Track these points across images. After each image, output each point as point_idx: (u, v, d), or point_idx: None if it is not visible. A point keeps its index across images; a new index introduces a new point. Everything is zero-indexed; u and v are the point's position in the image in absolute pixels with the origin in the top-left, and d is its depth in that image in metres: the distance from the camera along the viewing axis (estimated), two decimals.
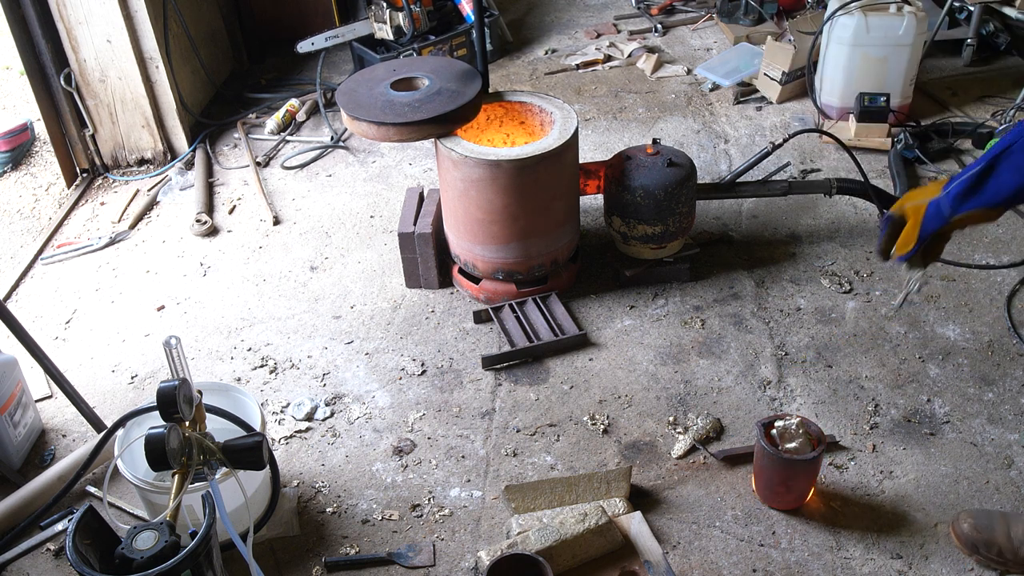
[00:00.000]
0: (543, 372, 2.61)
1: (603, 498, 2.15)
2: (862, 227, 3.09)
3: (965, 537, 2.00)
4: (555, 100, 2.80)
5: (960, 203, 1.54)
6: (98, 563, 1.52)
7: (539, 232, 2.71)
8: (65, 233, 3.40)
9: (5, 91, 4.67)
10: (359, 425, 2.47)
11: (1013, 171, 1.47)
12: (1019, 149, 1.46)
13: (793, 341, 2.64)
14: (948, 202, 1.55)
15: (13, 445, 2.36)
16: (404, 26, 3.94)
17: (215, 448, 1.68)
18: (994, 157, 1.49)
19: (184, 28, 3.80)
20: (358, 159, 3.71)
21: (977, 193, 1.52)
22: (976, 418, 2.35)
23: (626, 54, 4.37)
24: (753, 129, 3.70)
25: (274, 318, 2.88)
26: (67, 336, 2.88)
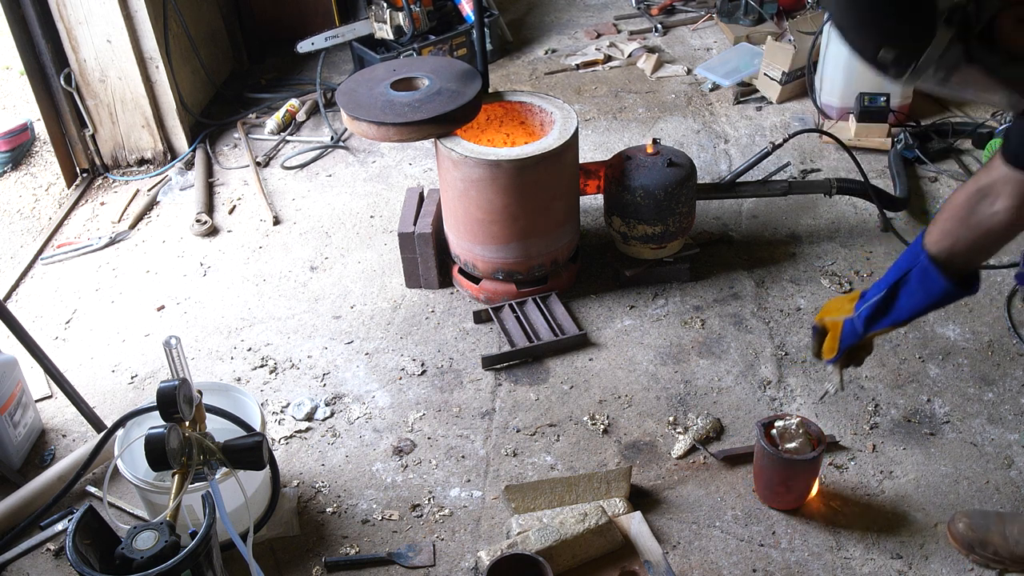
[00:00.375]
0: (543, 372, 2.61)
1: (603, 498, 2.15)
2: (862, 227, 3.09)
3: (961, 537, 2.00)
4: (555, 100, 2.80)
5: (870, 324, 1.72)
6: (98, 563, 1.52)
7: (539, 232, 2.71)
8: (65, 233, 3.40)
9: (5, 91, 4.67)
10: (359, 425, 2.47)
11: (909, 297, 1.64)
12: (913, 278, 1.62)
13: (793, 341, 2.64)
14: (860, 323, 1.73)
15: (13, 445, 2.36)
16: (404, 26, 3.94)
17: (215, 448, 1.68)
18: (892, 285, 1.65)
19: (184, 28, 3.80)
20: (358, 159, 3.71)
21: (883, 317, 1.69)
22: (976, 418, 2.35)
23: (626, 54, 4.37)
24: (753, 129, 3.70)
25: (274, 318, 2.88)
26: (67, 336, 2.88)
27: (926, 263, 1.59)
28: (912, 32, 1.18)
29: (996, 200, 1.51)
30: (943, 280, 1.58)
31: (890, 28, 1.21)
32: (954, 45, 1.17)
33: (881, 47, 1.23)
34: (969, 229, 1.55)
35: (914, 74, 1.23)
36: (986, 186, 1.52)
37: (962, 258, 1.59)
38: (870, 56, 1.26)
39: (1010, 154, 1.47)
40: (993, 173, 1.51)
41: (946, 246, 1.58)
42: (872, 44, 1.24)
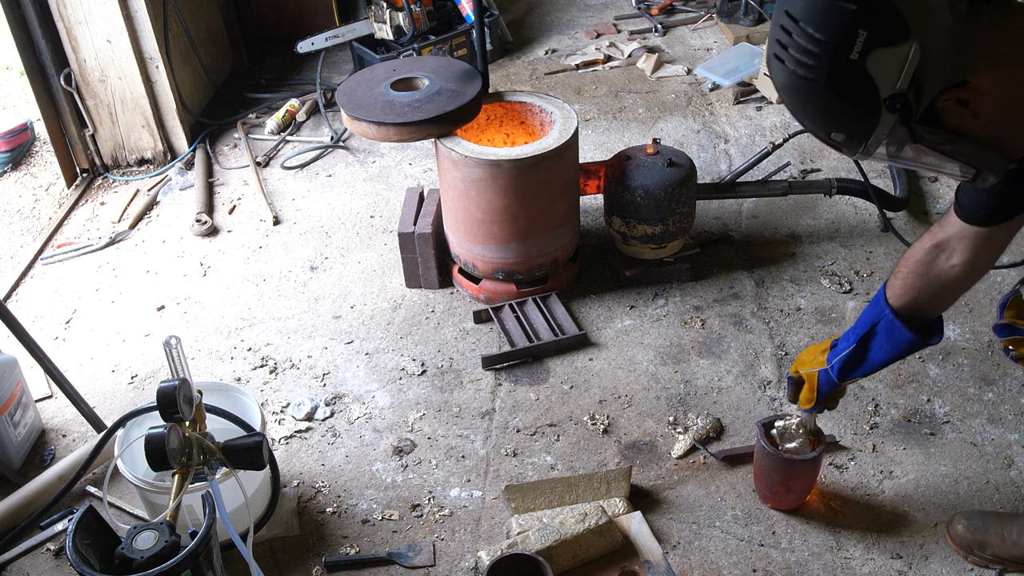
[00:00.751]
0: (543, 372, 2.61)
1: (603, 498, 2.15)
2: (862, 227, 3.09)
3: (959, 539, 2.01)
4: (555, 100, 2.80)
5: (844, 375, 1.85)
6: (98, 563, 1.52)
7: (539, 232, 2.71)
8: (65, 233, 3.40)
9: (5, 91, 4.67)
10: (359, 425, 2.47)
11: (878, 349, 1.76)
12: (880, 331, 1.74)
13: (793, 341, 2.64)
14: (834, 375, 1.85)
15: (13, 445, 2.36)
16: (404, 26, 3.94)
17: (215, 448, 1.68)
18: (862, 338, 1.77)
19: (184, 28, 3.80)
20: (358, 159, 3.71)
21: (855, 368, 1.82)
22: (976, 418, 2.35)
23: (626, 54, 4.37)
24: (753, 129, 3.70)
25: (274, 318, 2.88)
26: (67, 336, 2.88)
27: (891, 317, 1.71)
28: (857, 120, 1.26)
29: (952, 254, 1.63)
30: (907, 333, 1.70)
31: (836, 117, 1.28)
32: (898, 128, 1.25)
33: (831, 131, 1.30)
34: (928, 282, 1.67)
35: (864, 152, 1.30)
36: (942, 241, 1.64)
37: (924, 310, 1.71)
38: (822, 137, 1.33)
39: (962, 212, 1.58)
40: (948, 229, 1.62)
41: (908, 300, 1.70)
42: (822, 129, 1.32)
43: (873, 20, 1.17)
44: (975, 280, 1.67)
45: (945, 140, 1.29)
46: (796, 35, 1.21)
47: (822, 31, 1.19)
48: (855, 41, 1.18)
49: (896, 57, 1.18)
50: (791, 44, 1.22)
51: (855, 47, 1.18)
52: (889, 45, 1.18)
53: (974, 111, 1.26)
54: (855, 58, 1.19)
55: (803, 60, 1.22)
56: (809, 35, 1.20)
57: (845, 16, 1.17)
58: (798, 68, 1.23)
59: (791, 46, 1.22)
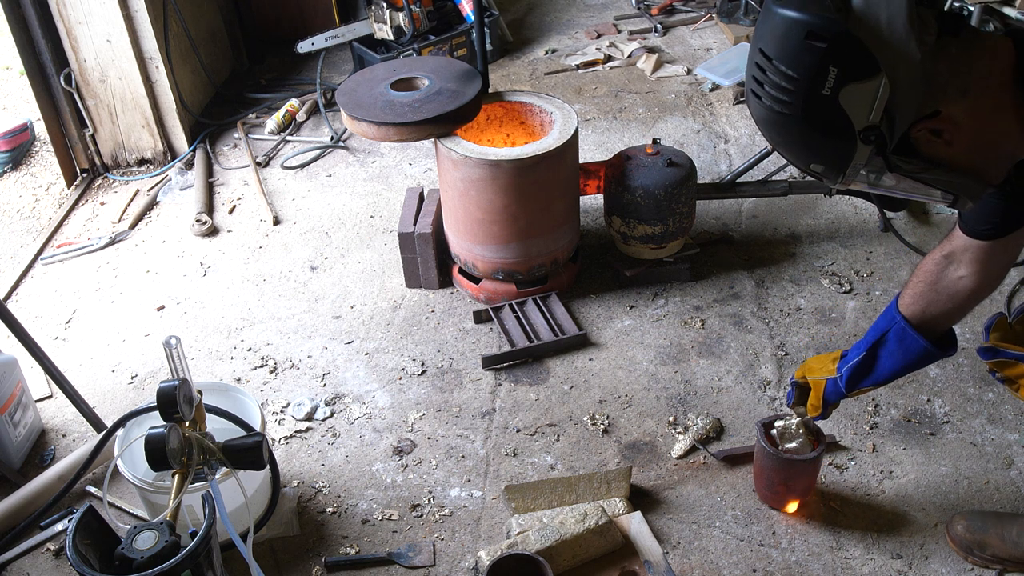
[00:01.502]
0: (543, 372, 2.61)
1: (603, 498, 2.15)
2: (862, 227, 3.09)
3: (959, 539, 2.01)
4: (555, 100, 2.80)
5: (853, 385, 1.84)
6: (98, 563, 1.52)
7: (539, 232, 2.71)
8: (65, 233, 3.40)
9: (5, 91, 4.67)
10: (359, 425, 2.47)
11: (889, 358, 1.76)
12: (891, 339, 1.74)
13: (793, 341, 2.64)
14: (843, 384, 1.85)
15: (13, 445, 2.36)
16: (404, 26, 3.94)
17: (215, 448, 1.68)
18: (872, 346, 1.77)
19: (184, 28, 3.80)
20: (358, 159, 3.71)
21: (865, 377, 1.81)
22: (976, 418, 2.35)
23: (626, 54, 4.37)
24: (753, 129, 3.70)
25: (274, 318, 2.88)
26: (67, 336, 2.88)
27: (903, 324, 1.72)
28: (834, 151, 1.30)
29: (960, 266, 1.64)
30: (921, 340, 1.70)
31: (814, 149, 1.33)
32: (874, 158, 1.29)
33: (810, 163, 1.35)
34: (938, 293, 1.68)
35: (844, 181, 1.34)
36: (950, 253, 1.66)
37: (935, 321, 1.71)
38: (802, 168, 1.38)
39: (965, 226, 1.61)
40: (955, 241, 1.64)
41: (918, 309, 1.70)
42: (801, 160, 1.36)
43: (843, 57, 1.21)
44: (986, 292, 1.67)
45: (921, 169, 1.32)
46: (770, 72, 1.25)
47: (795, 68, 1.23)
48: (827, 77, 1.22)
49: (867, 92, 1.22)
50: (766, 81, 1.26)
51: (827, 83, 1.22)
52: (860, 80, 1.22)
53: (947, 140, 1.29)
54: (827, 93, 1.23)
55: (778, 96, 1.26)
56: (783, 72, 1.24)
57: (816, 54, 1.21)
58: (774, 104, 1.27)
59: (766, 83, 1.27)
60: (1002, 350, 1.64)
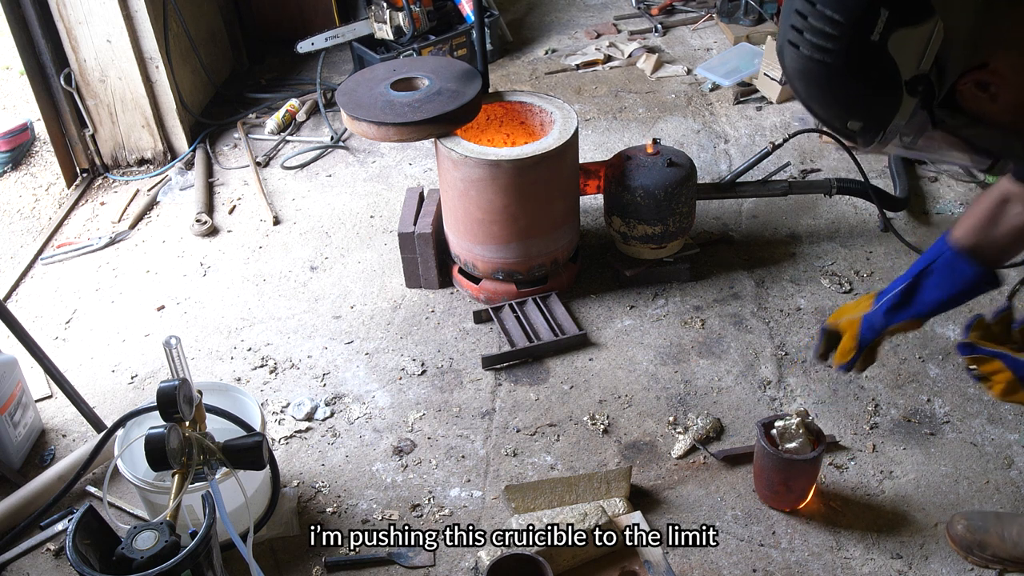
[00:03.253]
0: (543, 372, 2.61)
1: (603, 498, 2.15)
2: (862, 227, 3.09)
3: (959, 539, 2.01)
4: (555, 100, 2.80)
5: (891, 317, 1.72)
6: (98, 563, 1.52)
7: (539, 232, 2.71)
8: (65, 233, 3.40)
9: (5, 91, 4.67)
10: (359, 425, 2.47)
11: (933, 288, 1.68)
12: (938, 268, 1.66)
13: (793, 341, 2.64)
14: (880, 317, 1.73)
15: (13, 445, 2.36)
16: (404, 26, 3.94)
17: (215, 448, 1.68)
18: (917, 275, 1.68)
19: (184, 28, 3.80)
20: (358, 159, 3.71)
21: (905, 308, 1.71)
22: (976, 418, 2.35)
23: (626, 54, 4.37)
24: (753, 129, 3.70)
25: (274, 318, 2.88)
26: (67, 336, 2.88)
27: (953, 253, 1.63)
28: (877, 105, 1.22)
29: (1020, 204, 1.58)
30: (971, 266, 1.60)
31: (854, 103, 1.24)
32: (919, 112, 1.21)
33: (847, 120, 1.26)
34: (997, 227, 1.61)
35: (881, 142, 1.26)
36: (1007, 193, 1.59)
37: (987, 254, 1.62)
38: (838, 128, 1.29)
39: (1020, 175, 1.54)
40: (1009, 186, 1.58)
41: (972, 242, 1.62)
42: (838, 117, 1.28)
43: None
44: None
45: (965, 125, 1.25)
46: (813, 17, 1.17)
47: (841, 12, 1.15)
48: (876, 21, 1.14)
49: (919, 37, 1.14)
50: (807, 28, 1.18)
51: (876, 27, 1.14)
52: (912, 24, 1.14)
53: (993, 95, 1.22)
54: (876, 39, 1.15)
55: (820, 43, 1.18)
56: (827, 17, 1.16)
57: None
58: (814, 52, 1.19)
59: (807, 30, 1.18)
60: (979, 347, 1.60)
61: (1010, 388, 1.51)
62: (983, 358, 1.56)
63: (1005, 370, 1.51)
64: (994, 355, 1.53)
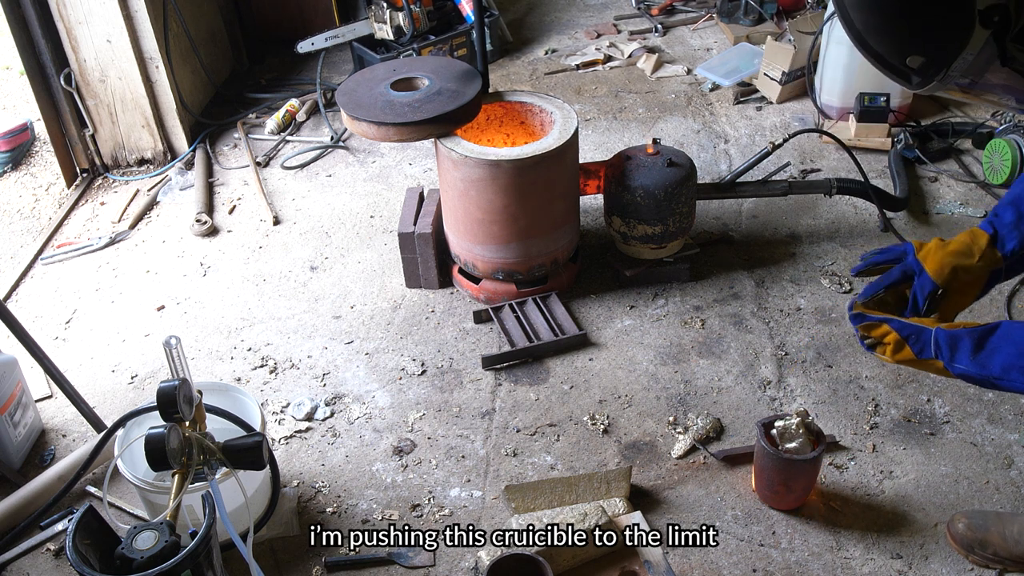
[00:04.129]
0: (543, 372, 2.61)
1: (603, 498, 2.15)
2: (862, 227, 3.09)
3: (960, 538, 2.01)
4: (555, 100, 2.80)
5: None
6: (98, 563, 1.52)
7: (539, 232, 2.71)
8: (65, 233, 3.40)
9: (5, 91, 4.67)
10: (359, 425, 2.47)
11: None
12: None
13: (793, 341, 2.64)
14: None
15: (13, 445, 2.36)
16: (404, 26, 3.94)
17: (215, 448, 1.68)
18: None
19: (184, 28, 3.80)
20: (358, 159, 3.71)
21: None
22: (976, 418, 2.35)
23: (626, 54, 4.37)
24: (753, 129, 3.70)
25: (274, 318, 2.88)
26: (67, 336, 2.88)
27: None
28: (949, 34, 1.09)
29: None
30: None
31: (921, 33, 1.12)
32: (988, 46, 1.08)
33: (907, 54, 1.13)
34: None
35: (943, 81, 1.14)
36: None
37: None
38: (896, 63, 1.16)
39: None
40: None
41: None
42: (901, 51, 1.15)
43: None
44: None
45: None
46: None
47: None
48: None
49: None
50: None
51: None
52: None
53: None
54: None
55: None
56: None
57: None
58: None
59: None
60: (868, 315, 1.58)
61: (897, 347, 1.51)
62: (872, 324, 1.56)
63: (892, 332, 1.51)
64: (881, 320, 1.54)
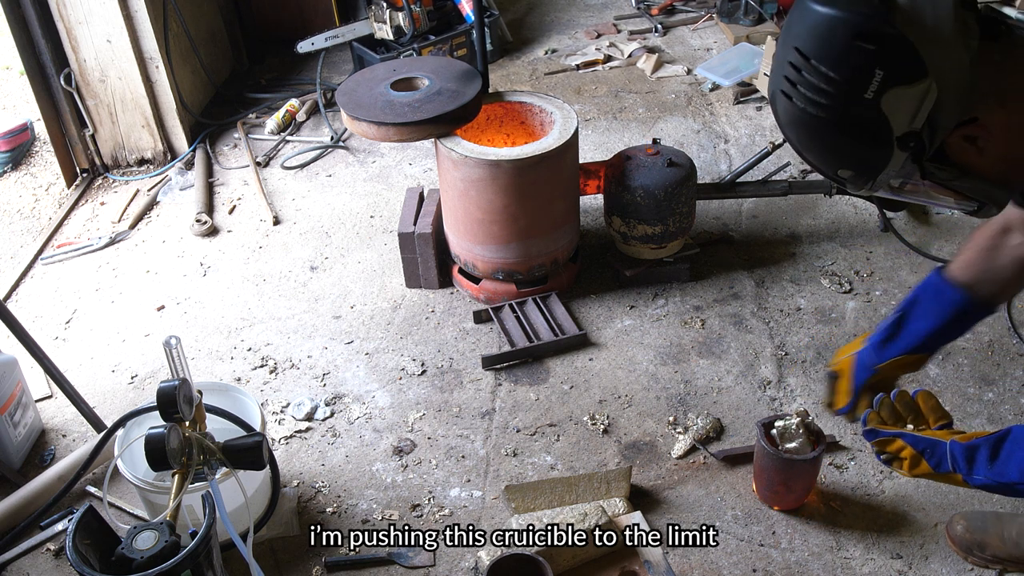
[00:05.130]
0: (543, 372, 2.61)
1: (603, 498, 2.15)
2: (862, 227, 3.09)
3: (959, 539, 2.01)
4: (555, 100, 2.80)
5: (883, 352, 1.68)
6: (98, 563, 1.52)
7: (539, 232, 2.71)
8: (65, 233, 3.40)
9: (5, 91, 4.67)
10: (359, 425, 2.47)
11: (921, 318, 1.65)
12: (924, 297, 1.64)
13: (793, 341, 2.64)
14: (871, 353, 1.69)
15: (13, 445, 2.36)
16: (404, 26, 3.94)
17: (215, 448, 1.68)
18: (905, 306, 1.67)
19: (184, 28, 3.80)
20: (358, 159, 3.71)
21: (895, 341, 1.67)
22: (976, 418, 2.35)
23: (626, 54, 4.37)
24: (753, 129, 3.70)
25: (274, 318, 2.88)
26: (67, 336, 2.88)
27: (939, 279, 1.62)
28: (867, 158, 1.25)
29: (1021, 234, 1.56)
30: (958, 292, 1.59)
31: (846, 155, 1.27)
32: (908, 165, 1.24)
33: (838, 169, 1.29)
34: (996, 260, 1.59)
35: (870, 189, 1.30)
36: (1006, 224, 1.57)
37: (987, 289, 1.61)
38: (830, 175, 1.32)
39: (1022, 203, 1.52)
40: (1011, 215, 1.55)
41: (970, 277, 1.60)
42: (829, 167, 1.30)
43: (891, 60, 1.15)
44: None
45: (953, 177, 1.28)
46: (807, 72, 1.19)
47: (837, 70, 1.17)
48: (871, 80, 1.15)
49: (912, 96, 1.16)
50: (801, 81, 1.20)
51: (871, 86, 1.16)
52: (906, 84, 1.16)
53: (980, 148, 1.25)
54: (870, 97, 1.16)
55: (814, 98, 1.19)
56: (822, 74, 1.17)
57: (863, 56, 1.15)
58: (808, 106, 1.21)
59: (801, 83, 1.20)
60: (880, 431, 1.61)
61: (914, 462, 1.55)
62: (886, 440, 1.59)
63: (907, 447, 1.55)
64: (895, 435, 1.57)
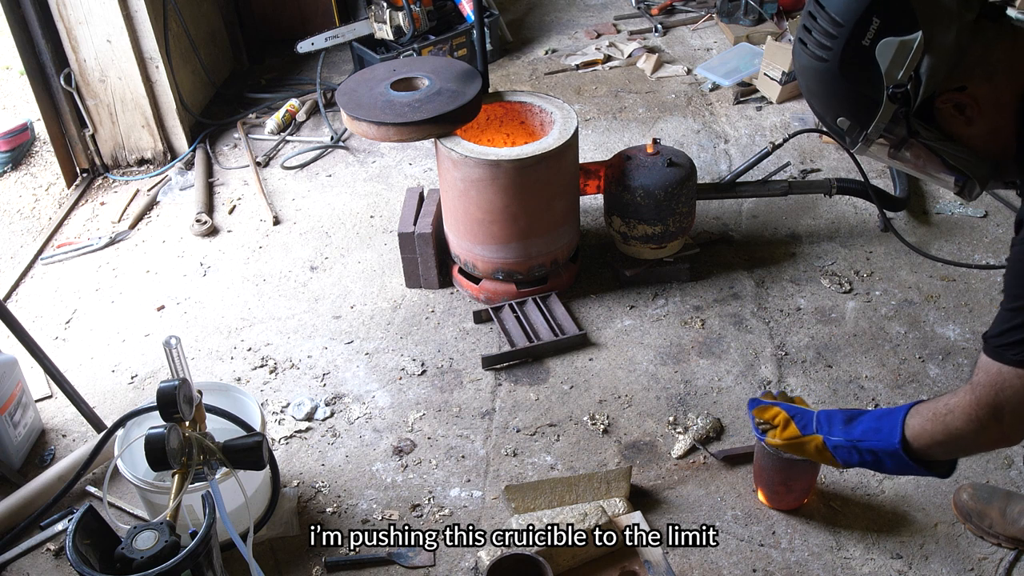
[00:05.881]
0: (543, 372, 2.61)
1: (603, 498, 2.15)
2: (862, 227, 3.09)
3: (962, 505, 2.05)
4: (555, 100, 2.80)
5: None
6: (98, 563, 1.52)
7: (539, 232, 2.71)
8: (65, 233, 3.40)
9: (5, 91, 4.67)
10: (359, 425, 2.47)
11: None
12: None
13: (793, 341, 2.64)
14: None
15: (13, 445, 2.36)
16: (404, 26, 3.94)
17: (215, 448, 1.68)
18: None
19: (184, 28, 3.80)
20: (358, 159, 3.71)
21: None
22: None
23: (626, 54, 4.37)
24: (753, 129, 3.70)
25: (274, 318, 2.88)
26: (67, 336, 2.88)
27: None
28: (862, 106, 1.38)
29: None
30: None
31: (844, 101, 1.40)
32: (898, 118, 1.36)
33: (838, 116, 1.42)
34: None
35: (865, 142, 1.42)
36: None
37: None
38: (829, 123, 1.45)
39: None
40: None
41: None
42: (830, 113, 1.43)
43: (887, 9, 1.30)
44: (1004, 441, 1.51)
45: (938, 139, 1.38)
46: (820, 19, 1.34)
47: (842, 15, 1.32)
48: (869, 27, 1.31)
49: (902, 47, 1.30)
50: (815, 28, 1.35)
51: (868, 32, 1.31)
52: (897, 34, 1.30)
53: (968, 118, 1.35)
54: (867, 44, 1.31)
55: (822, 42, 1.35)
56: (831, 18, 1.33)
57: (864, 2, 1.30)
58: (816, 50, 1.36)
59: (814, 30, 1.35)
60: (762, 400, 1.88)
61: (785, 425, 1.79)
62: (765, 408, 1.85)
63: (781, 412, 1.81)
64: (772, 404, 1.85)
